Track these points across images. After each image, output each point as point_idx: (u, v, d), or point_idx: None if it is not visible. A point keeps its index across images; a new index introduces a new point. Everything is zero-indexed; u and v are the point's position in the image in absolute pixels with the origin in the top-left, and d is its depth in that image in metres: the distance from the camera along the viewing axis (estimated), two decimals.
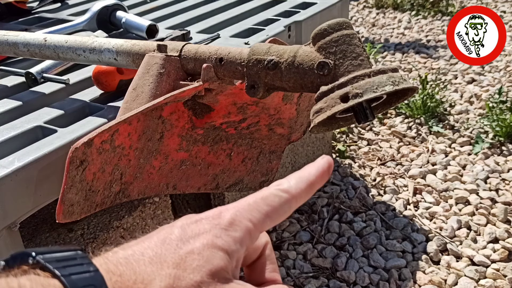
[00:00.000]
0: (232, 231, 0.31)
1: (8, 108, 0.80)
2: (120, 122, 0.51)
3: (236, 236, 0.31)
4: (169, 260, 0.28)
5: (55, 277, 0.25)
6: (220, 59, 0.59)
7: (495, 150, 1.59)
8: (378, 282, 1.13)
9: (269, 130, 0.78)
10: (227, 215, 0.31)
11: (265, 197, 0.33)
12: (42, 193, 0.65)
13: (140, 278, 0.27)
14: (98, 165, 0.50)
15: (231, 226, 0.31)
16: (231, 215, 0.31)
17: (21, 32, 0.83)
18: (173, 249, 0.29)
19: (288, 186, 0.34)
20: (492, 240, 1.22)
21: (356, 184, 1.45)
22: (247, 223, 0.31)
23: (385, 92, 0.46)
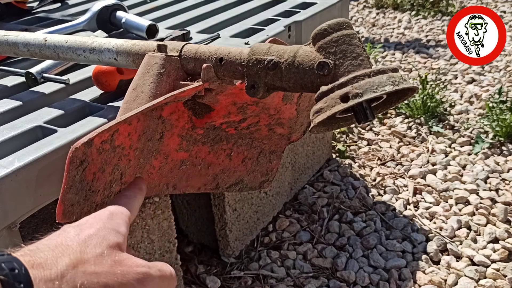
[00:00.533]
0: (114, 219, 0.41)
1: (8, 108, 0.80)
2: (120, 122, 0.51)
3: (119, 222, 0.41)
4: (72, 244, 0.35)
5: None
6: (220, 59, 0.59)
7: (495, 150, 1.59)
8: (378, 282, 1.13)
9: (269, 130, 0.78)
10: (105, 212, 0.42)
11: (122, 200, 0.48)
12: (42, 193, 0.65)
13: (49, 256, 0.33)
14: (98, 165, 0.50)
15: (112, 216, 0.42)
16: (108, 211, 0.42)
17: (21, 32, 0.83)
18: (73, 237, 0.37)
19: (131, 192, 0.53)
20: (492, 240, 1.22)
21: (356, 184, 1.45)
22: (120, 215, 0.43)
23: (385, 92, 0.46)
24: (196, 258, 1.22)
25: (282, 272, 1.17)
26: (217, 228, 1.16)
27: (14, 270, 0.30)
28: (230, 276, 1.16)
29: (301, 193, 1.42)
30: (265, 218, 1.29)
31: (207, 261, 1.21)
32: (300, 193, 1.43)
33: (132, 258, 0.38)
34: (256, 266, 1.19)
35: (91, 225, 0.39)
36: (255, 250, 1.24)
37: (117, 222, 0.41)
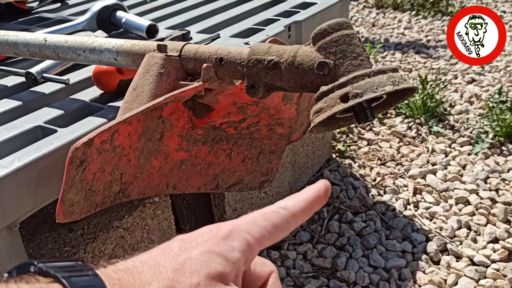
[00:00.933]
0: (230, 240, 0.32)
1: (8, 108, 0.80)
2: (120, 122, 0.51)
3: (234, 245, 0.31)
4: (168, 266, 0.29)
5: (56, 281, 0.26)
6: (220, 59, 0.59)
7: (495, 150, 1.59)
8: (378, 282, 1.13)
9: (269, 130, 0.78)
10: (225, 228, 0.32)
11: (264, 213, 0.34)
12: (42, 193, 0.65)
13: (138, 282, 0.28)
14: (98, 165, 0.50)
15: (229, 236, 0.32)
16: (229, 228, 0.32)
17: (21, 32, 0.83)
18: (172, 257, 0.30)
19: (286, 204, 0.35)
20: (492, 240, 1.22)
21: (356, 184, 1.45)
22: (245, 234, 0.32)
23: (385, 92, 0.46)
24: None
25: (282, 272, 1.17)
26: None
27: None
28: None
29: None
30: None
31: None
32: None
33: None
34: None
35: (198, 245, 0.31)
36: None
37: (232, 246, 0.32)
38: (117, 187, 0.55)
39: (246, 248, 0.32)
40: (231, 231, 0.32)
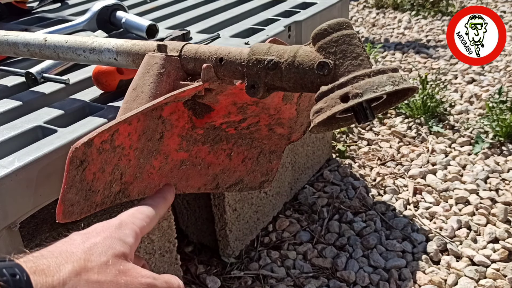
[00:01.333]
0: (122, 229, 0.40)
1: (8, 108, 0.80)
2: (120, 122, 0.51)
3: (126, 232, 0.40)
4: (76, 251, 0.35)
5: None
6: (220, 59, 0.59)
7: (495, 150, 1.59)
8: (378, 282, 1.13)
9: (269, 130, 0.78)
10: (115, 221, 0.41)
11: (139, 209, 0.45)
12: (42, 193, 0.65)
13: (52, 263, 0.33)
14: (98, 165, 0.50)
15: (121, 227, 0.40)
16: (118, 221, 0.41)
17: (21, 32, 0.83)
18: (78, 244, 0.36)
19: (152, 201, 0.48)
20: (492, 240, 1.22)
21: (356, 184, 1.45)
22: (131, 225, 0.41)
23: (385, 92, 0.46)
24: (196, 258, 1.22)
25: (282, 272, 1.17)
26: (217, 228, 1.16)
27: (15, 276, 0.30)
28: (230, 276, 1.16)
29: (301, 193, 1.42)
30: (265, 218, 1.29)
31: (207, 261, 1.21)
32: (300, 193, 1.43)
33: (138, 269, 0.38)
34: (256, 266, 1.19)
35: (98, 233, 0.38)
36: (255, 250, 1.24)
37: (125, 233, 0.40)
38: (117, 187, 0.55)
39: (135, 234, 0.40)
40: (120, 223, 0.40)
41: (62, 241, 0.37)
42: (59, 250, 0.35)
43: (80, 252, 0.35)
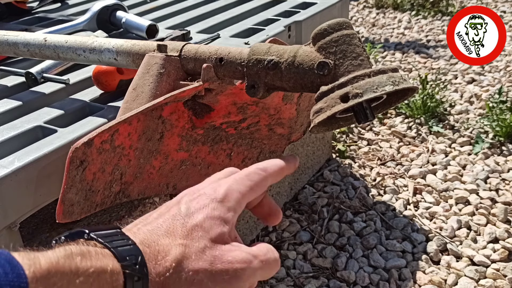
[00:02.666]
0: (226, 202, 0.39)
1: (8, 108, 0.80)
2: (120, 122, 0.51)
3: (229, 206, 0.39)
4: (180, 233, 0.37)
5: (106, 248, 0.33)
6: (220, 59, 0.59)
7: (495, 150, 1.59)
8: (378, 282, 1.13)
9: (269, 130, 0.78)
10: (221, 190, 0.40)
11: (248, 174, 0.42)
12: (42, 193, 0.65)
13: (161, 248, 0.35)
14: (98, 165, 0.50)
15: (225, 198, 0.39)
16: (224, 190, 0.40)
17: (21, 32, 0.83)
18: (181, 223, 0.37)
19: (264, 167, 0.44)
20: (492, 240, 1.22)
21: (356, 184, 1.45)
22: (237, 195, 0.40)
23: (385, 92, 0.46)
24: None
25: (282, 272, 1.17)
26: None
27: (136, 265, 0.33)
28: None
29: (301, 193, 1.42)
30: None
31: None
32: (300, 193, 1.43)
33: (234, 252, 0.37)
34: None
35: (200, 210, 0.38)
36: None
37: (228, 206, 0.39)
38: (117, 187, 0.55)
39: (238, 206, 0.40)
40: (226, 193, 0.40)
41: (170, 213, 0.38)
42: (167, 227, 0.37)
43: (182, 236, 0.36)
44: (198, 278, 0.35)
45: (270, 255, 0.39)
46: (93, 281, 0.31)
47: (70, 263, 0.30)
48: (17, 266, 0.28)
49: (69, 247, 0.32)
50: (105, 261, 0.32)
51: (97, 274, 0.31)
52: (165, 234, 0.36)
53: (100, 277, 0.31)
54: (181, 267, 0.35)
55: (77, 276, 0.30)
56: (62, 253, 0.31)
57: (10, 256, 0.29)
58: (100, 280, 0.31)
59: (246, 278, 0.37)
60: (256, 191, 0.42)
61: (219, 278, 0.36)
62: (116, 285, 0.32)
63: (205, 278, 0.35)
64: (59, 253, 0.31)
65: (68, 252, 0.31)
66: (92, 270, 0.31)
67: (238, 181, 0.41)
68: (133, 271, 0.33)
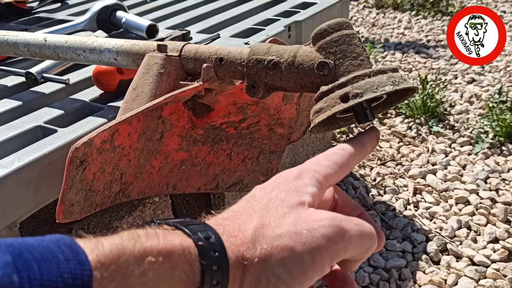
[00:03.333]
0: (301, 179, 0.37)
1: (8, 108, 0.80)
2: (120, 122, 0.51)
3: (305, 181, 0.37)
4: (256, 208, 0.35)
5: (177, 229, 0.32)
6: (220, 59, 0.59)
7: (495, 150, 1.59)
8: (378, 282, 1.13)
9: (269, 130, 0.78)
10: (294, 171, 0.38)
11: (325, 155, 0.39)
12: (42, 193, 0.65)
13: (237, 224, 0.34)
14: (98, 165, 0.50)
15: (299, 176, 0.37)
16: (298, 170, 0.38)
17: (21, 32, 0.83)
18: (257, 201, 0.36)
19: (343, 146, 0.41)
20: (492, 240, 1.22)
21: (356, 184, 1.45)
22: (313, 173, 0.37)
23: (385, 92, 0.46)
24: None
25: None
26: None
27: (209, 238, 0.31)
28: None
29: None
30: None
31: None
32: None
33: (320, 212, 0.34)
34: None
35: (274, 188, 0.37)
36: None
37: (304, 182, 0.36)
38: (117, 187, 0.55)
39: (316, 183, 0.37)
40: (300, 172, 0.37)
41: (246, 197, 0.37)
42: (244, 208, 0.36)
43: (259, 209, 0.35)
44: (282, 241, 0.32)
45: (363, 223, 0.35)
46: (163, 259, 0.29)
47: (135, 243, 0.28)
48: (79, 251, 0.26)
49: (135, 230, 0.30)
50: (176, 237, 0.30)
51: (167, 252, 0.29)
52: (241, 213, 0.35)
53: (171, 255, 0.29)
54: (261, 235, 0.33)
55: (145, 256, 0.28)
56: (126, 235, 0.29)
57: (71, 240, 0.27)
58: (171, 258, 0.29)
59: (338, 239, 0.33)
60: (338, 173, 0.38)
61: (307, 239, 0.32)
62: (191, 260, 0.30)
63: (290, 241, 0.32)
64: (123, 236, 0.29)
65: (133, 234, 0.29)
66: (160, 247, 0.29)
67: (314, 162, 0.38)
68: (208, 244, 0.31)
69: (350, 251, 0.34)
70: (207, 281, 0.30)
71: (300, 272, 0.32)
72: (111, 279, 0.26)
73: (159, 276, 0.28)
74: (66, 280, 0.25)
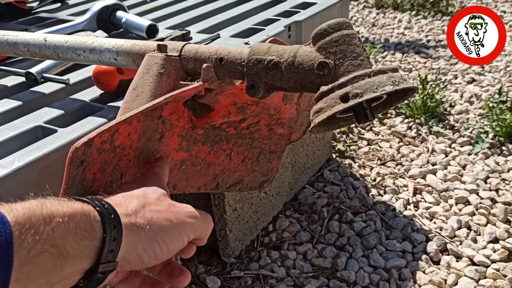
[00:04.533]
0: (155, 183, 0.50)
1: (8, 108, 0.80)
2: (120, 122, 0.51)
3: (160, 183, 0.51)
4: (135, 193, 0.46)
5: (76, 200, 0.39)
6: (220, 59, 0.59)
7: (495, 150, 1.59)
8: (378, 282, 1.13)
9: (269, 130, 0.78)
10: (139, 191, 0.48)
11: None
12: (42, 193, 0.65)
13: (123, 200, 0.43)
14: (98, 165, 0.50)
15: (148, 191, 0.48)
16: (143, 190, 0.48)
17: (21, 32, 0.83)
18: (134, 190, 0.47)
19: None
20: (492, 240, 1.22)
21: (356, 184, 1.45)
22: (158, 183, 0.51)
23: (385, 92, 0.46)
24: (196, 258, 1.22)
25: (282, 272, 1.17)
26: (217, 228, 1.16)
27: (104, 205, 0.40)
28: (230, 276, 1.16)
29: (301, 193, 1.42)
30: (265, 218, 1.29)
31: (207, 261, 1.21)
32: (300, 193, 1.43)
33: (180, 203, 0.47)
34: (256, 266, 1.19)
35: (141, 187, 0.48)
36: (255, 250, 1.24)
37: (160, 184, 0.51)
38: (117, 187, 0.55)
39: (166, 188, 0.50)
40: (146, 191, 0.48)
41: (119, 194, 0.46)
42: (122, 195, 0.45)
43: (139, 193, 0.46)
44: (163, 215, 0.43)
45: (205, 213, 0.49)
46: (68, 220, 0.35)
47: (42, 207, 0.35)
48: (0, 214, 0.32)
49: (41, 198, 0.37)
50: (77, 204, 0.38)
51: (70, 214, 0.36)
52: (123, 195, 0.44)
53: (74, 216, 0.36)
54: (146, 209, 0.43)
55: (52, 217, 0.35)
56: (34, 202, 0.35)
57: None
58: (75, 219, 0.36)
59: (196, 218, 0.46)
60: None
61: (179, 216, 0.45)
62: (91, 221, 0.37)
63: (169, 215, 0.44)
64: (32, 202, 0.35)
65: (40, 201, 0.36)
66: (65, 210, 0.36)
67: None
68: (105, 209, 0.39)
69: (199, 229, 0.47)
70: (108, 237, 0.38)
71: (176, 237, 0.44)
72: (27, 234, 0.33)
73: (65, 233, 0.35)
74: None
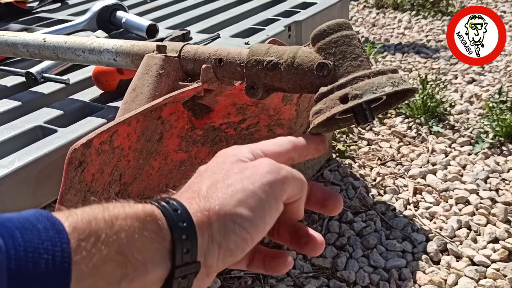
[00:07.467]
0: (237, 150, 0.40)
1: (8, 108, 0.80)
2: (119, 123, 0.51)
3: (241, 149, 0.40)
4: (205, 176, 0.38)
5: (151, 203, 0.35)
6: (219, 60, 0.59)
7: (495, 150, 1.59)
8: (378, 282, 1.13)
9: (269, 131, 0.78)
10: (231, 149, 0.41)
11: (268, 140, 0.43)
12: (42, 193, 0.65)
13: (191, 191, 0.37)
14: (97, 166, 0.50)
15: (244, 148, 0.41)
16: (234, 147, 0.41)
17: (21, 33, 0.83)
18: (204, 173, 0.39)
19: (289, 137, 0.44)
20: (492, 240, 1.22)
21: (356, 184, 1.45)
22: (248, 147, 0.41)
23: (384, 93, 0.46)
24: None
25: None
26: None
27: (168, 203, 0.34)
28: (230, 276, 1.16)
29: None
30: None
31: None
32: None
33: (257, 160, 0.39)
34: None
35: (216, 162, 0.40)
36: None
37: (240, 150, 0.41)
38: (116, 188, 0.55)
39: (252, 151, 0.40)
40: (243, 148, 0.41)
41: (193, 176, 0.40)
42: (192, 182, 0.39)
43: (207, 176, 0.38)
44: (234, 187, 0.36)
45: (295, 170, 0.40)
46: (131, 221, 0.31)
47: (104, 211, 0.31)
48: (56, 222, 0.29)
49: (105, 204, 0.33)
50: (138, 206, 0.33)
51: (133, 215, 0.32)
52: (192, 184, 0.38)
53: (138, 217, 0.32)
54: (214, 188, 0.36)
55: (115, 219, 0.31)
56: (95, 206, 0.32)
57: (47, 212, 0.30)
58: (139, 219, 0.32)
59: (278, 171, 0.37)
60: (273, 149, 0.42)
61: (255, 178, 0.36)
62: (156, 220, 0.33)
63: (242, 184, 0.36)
64: (92, 207, 0.32)
65: (102, 206, 0.32)
66: (127, 211, 0.32)
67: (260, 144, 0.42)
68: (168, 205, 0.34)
69: (290, 185, 0.38)
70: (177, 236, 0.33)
71: (258, 206, 0.35)
72: (87, 242, 0.29)
73: (130, 236, 0.31)
74: (47, 247, 0.28)
